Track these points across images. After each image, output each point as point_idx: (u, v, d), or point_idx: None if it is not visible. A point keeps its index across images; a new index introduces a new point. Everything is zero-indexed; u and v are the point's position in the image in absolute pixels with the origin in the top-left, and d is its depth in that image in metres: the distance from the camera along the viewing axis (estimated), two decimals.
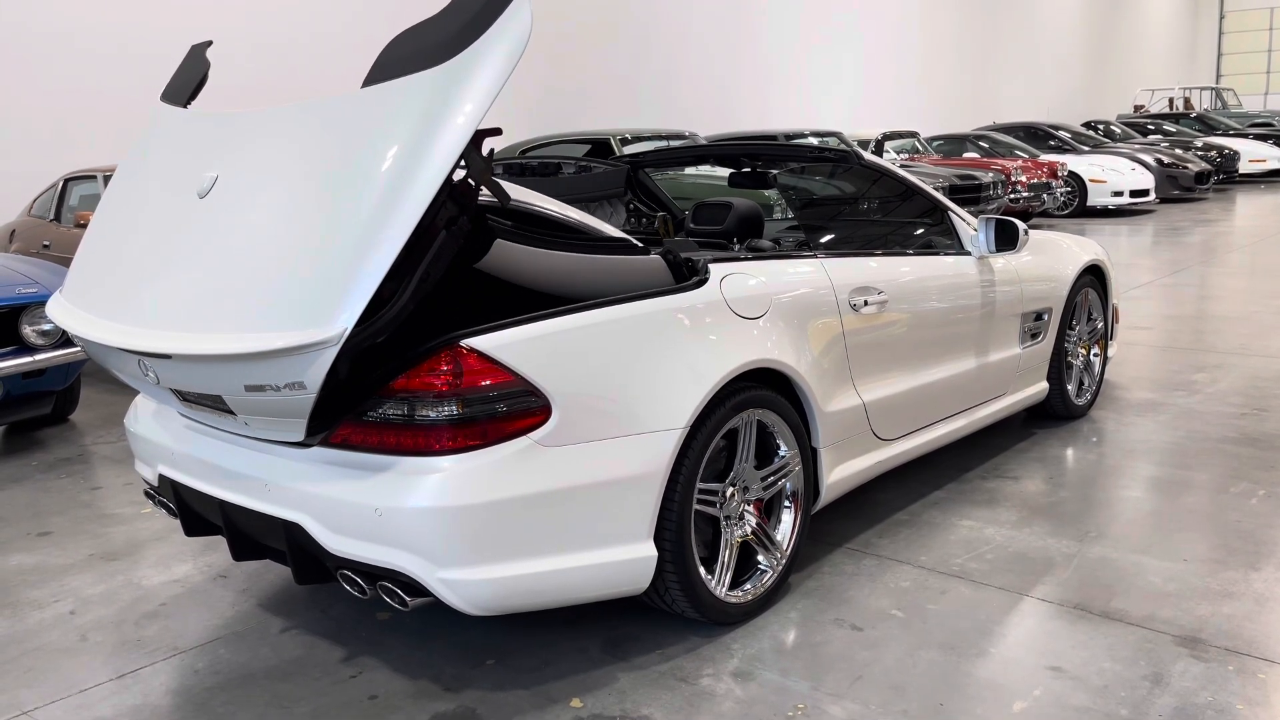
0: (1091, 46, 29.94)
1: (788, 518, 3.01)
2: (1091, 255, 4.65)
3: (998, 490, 3.81)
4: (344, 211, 2.17)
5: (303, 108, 2.48)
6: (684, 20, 15.96)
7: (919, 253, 3.72)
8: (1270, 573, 3.03)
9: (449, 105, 2.18)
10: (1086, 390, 4.74)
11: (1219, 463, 4.02)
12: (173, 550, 3.56)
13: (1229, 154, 18.42)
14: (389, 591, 2.37)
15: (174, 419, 2.90)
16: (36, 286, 4.91)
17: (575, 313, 2.48)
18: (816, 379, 3.03)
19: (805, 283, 3.11)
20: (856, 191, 3.83)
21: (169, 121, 2.86)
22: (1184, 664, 2.54)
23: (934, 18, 22.24)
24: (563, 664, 2.66)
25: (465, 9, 2.30)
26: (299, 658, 2.75)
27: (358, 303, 2.08)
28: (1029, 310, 4.19)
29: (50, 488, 4.34)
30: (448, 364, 2.29)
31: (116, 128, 9.68)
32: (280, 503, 2.45)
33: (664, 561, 2.60)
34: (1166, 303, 7.62)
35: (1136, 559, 3.16)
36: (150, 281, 2.44)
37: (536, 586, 2.40)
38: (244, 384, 2.23)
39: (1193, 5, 37.99)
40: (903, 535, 3.42)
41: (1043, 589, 2.98)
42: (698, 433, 2.63)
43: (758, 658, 2.65)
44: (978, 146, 15.05)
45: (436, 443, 2.30)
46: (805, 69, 18.54)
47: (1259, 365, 5.57)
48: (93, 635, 2.95)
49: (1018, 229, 3.89)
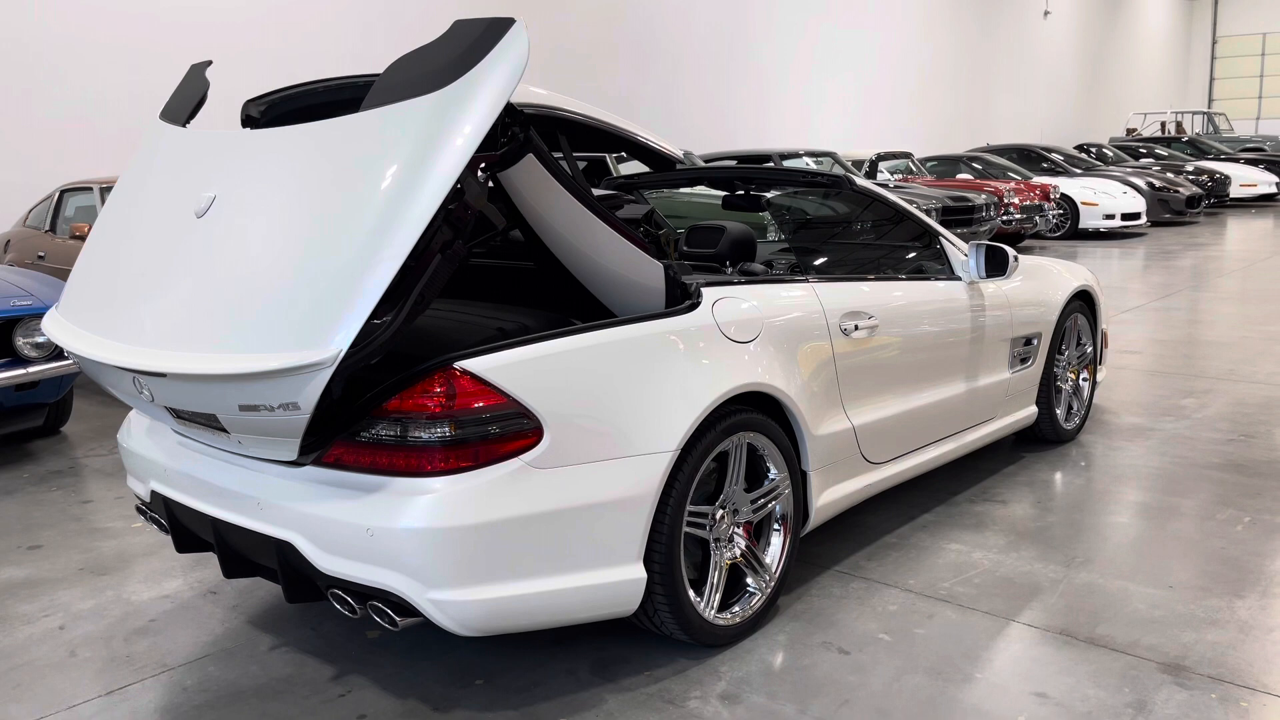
0: (1084, 69, 30.17)
1: (777, 540, 3.02)
2: (1081, 281, 4.69)
3: (986, 514, 3.83)
4: (341, 234, 2.19)
5: (301, 129, 2.50)
6: (682, 41, 16.07)
7: (910, 277, 3.76)
8: (1254, 600, 3.06)
9: (447, 130, 2.21)
10: (1075, 415, 4.77)
11: (1206, 489, 4.05)
12: (163, 566, 3.56)
13: (1220, 178, 18.56)
14: (379, 611, 2.38)
15: (167, 435, 2.91)
16: (31, 299, 4.92)
17: (568, 336, 2.51)
18: (807, 402, 3.06)
19: (797, 307, 3.14)
20: (848, 216, 3.87)
21: (167, 140, 2.88)
22: (1168, 691, 2.56)
23: (929, 40, 22.41)
24: (551, 685, 2.67)
25: (464, 35, 2.33)
26: (288, 676, 2.76)
27: (353, 325, 2.10)
28: (1018, 335, 4.23)
29: (41, 501, 4.34)
30: (441, 385, 2.31)
31: (113, 140, 9.71)
32: (272, 521, 2.46)
33: (653, 583, 2.62)
34: (1156, 327, 7.67)
35: (1122, 585, 3.18)
36: (146, 300, 2.46)
37: (526, 608, 2.41)
38: (238, 403, 2.24)
39: (1185, 30, 38.33)
40: (891, 558, 3.44)
41: (1029, 614, 3.00)
42: (688, 455, 2.65)
43: (745, 680, 2.67)
44: (971, 168, 15.14)
45: (429, 464, 2.32)
46: (802, 89, 18.66)
47: (1247, 391, 5.61)
48: (82, 651, 2.95)
49: (1008, 255, 3.93)
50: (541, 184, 2.67)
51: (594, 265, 2.82)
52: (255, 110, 3.11)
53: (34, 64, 9.26)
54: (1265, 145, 24.87)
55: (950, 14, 23.13)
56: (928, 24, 22.33)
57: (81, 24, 9.51)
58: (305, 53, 11.11)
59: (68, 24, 9.43)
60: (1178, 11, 37.42)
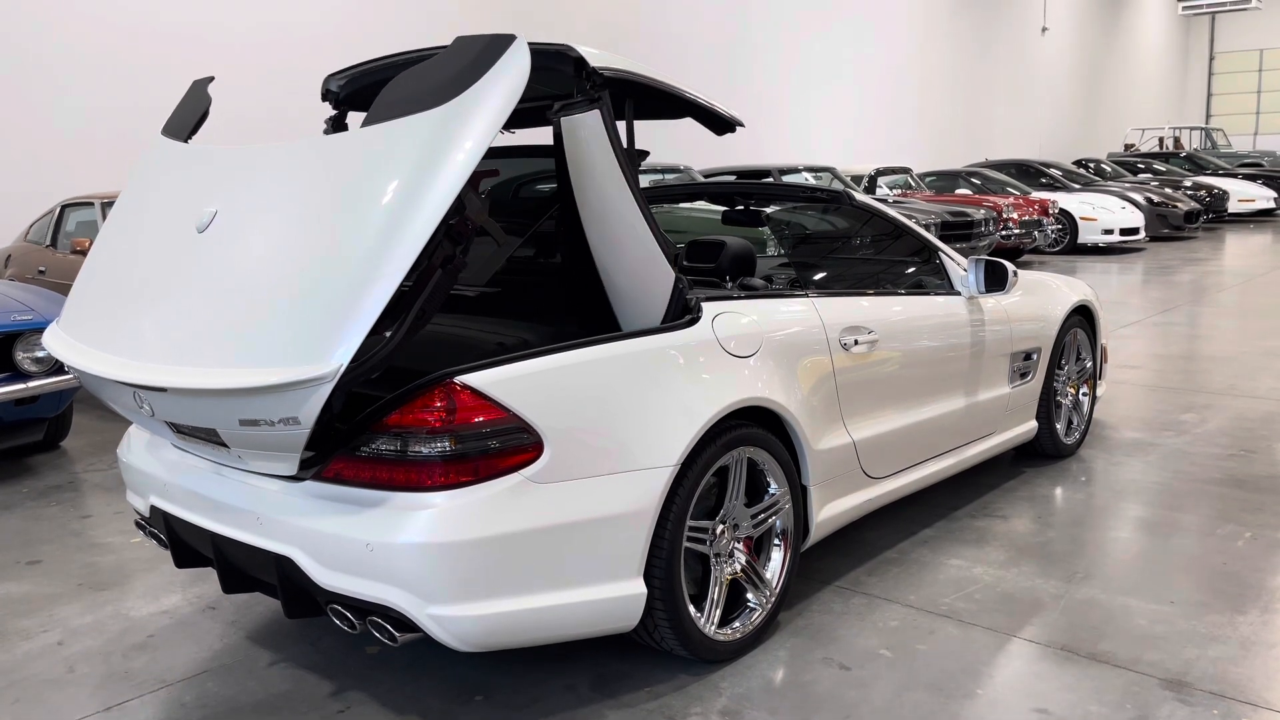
0: (1083, 85, 30.29)
1: (777, 555, 3.02)
2: (1080, 295, 4.70)
3: (986, 529, 3.83)
4: (341, 249, 2.20)
5: (303, 145, 2.51)
6: (680, 55, 16.13)
7: (910, 292, 3.76)
8: (1256, 616, 3.05)
9: (448, 146, 2.22)
10: (1075, 429, 4.77)
11: (1206, 504, 4.04)
12: (162, 581, 3.55)
13: (1218, 193, 18.60)
14: (379, 626, 2.38)
15: (167, 450, 2.91)
16: (31, 314, 4.92)
17: (568, 350, 2.51)
18: (807, 417, 3.06)
19: (796, 322, 3.14)
20: (848, 231, 3.88)
21: (169, 156, 2.90)
22: (1170, 707, 2.55)
23: (928, 55, 22.51)
24: (551, 701, 2.66)
25: (465, 51, 2.34)
26: (287, 692, 2.75)
27: (353, 340, 2.10)
28: (1018, 350, 4.23)
29: (41, 515, 4.33)
30: (441, 400, 2.31)
31: (115, 154, 9.73)
32: (272, 536, 2.46)
33: (653, 599, 2.61)
34: (1155, 342, 7.68)
35: (1124, 600, 3.17)
36: (147, 315, 2.46)
37: (526, 623, 2.41)
38: (238, 418, 2.24)
39: (1183, 46, 38.49)
40: (892, 574, 3.43)
41: (1030, 630, 2.99)
42: (689, 470, 2.65)
43: (746, 696, 2.66)
44: (970, 183, 15.18)
45: (429, 478, 2.31)
46: (800, 104, 18.72)
47: (1247, 406, 5.61)
48: (80, 666, 2.94)
49: (1007, 270, 3.93)
50: (598, 145, 2.67)
51: (614, 249, 2.79)
52: (335, 85, 3.21)
53: (35, 78, 9.30)
54: (1263, 160, 24.93)
55: (949, 30, 23.24)
56: (927, 40, 22.44)
57: (83, 38, 9.55)
58: (307, 67, 11.15)
59: (69, 38, 9.47)
60: (1175, 27, 37.59)
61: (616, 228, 2.74)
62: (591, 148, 2.69)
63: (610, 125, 2.66)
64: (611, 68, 2.75)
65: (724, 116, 3.19)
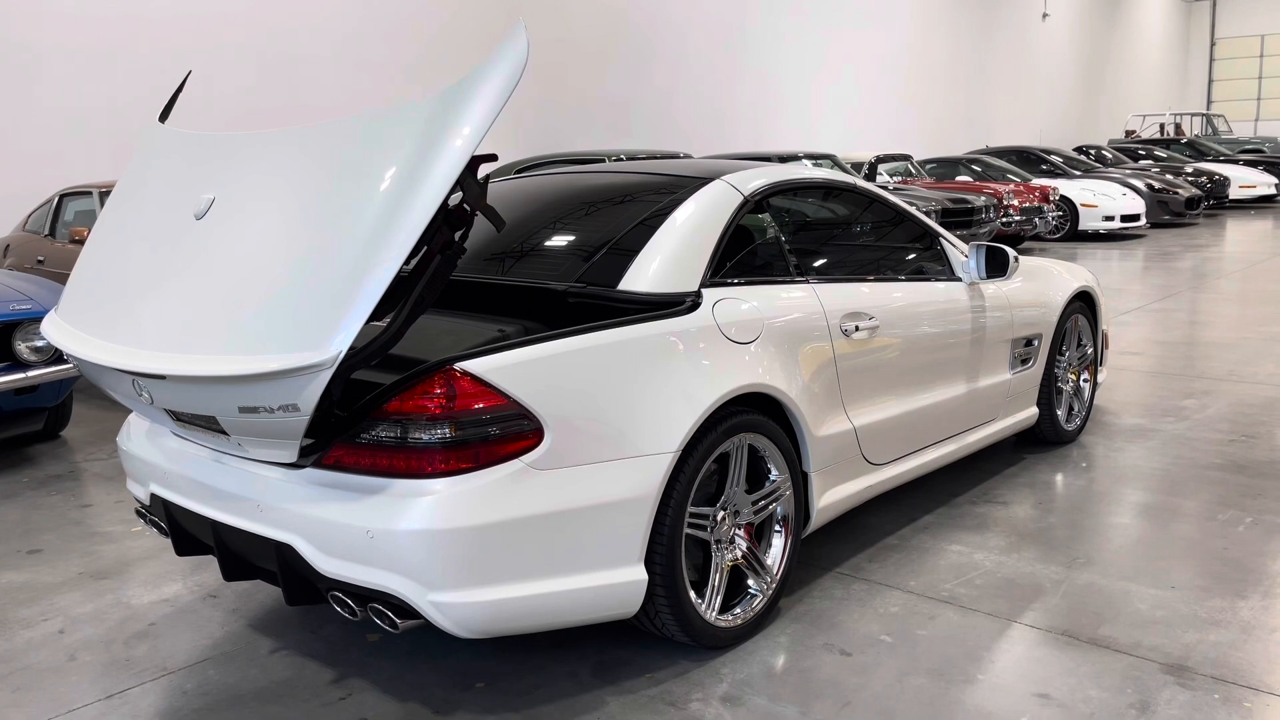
0: (1083, 71, 30.20)
1: (778, 542, 3.02)
2: (1081, 282, 4.69)
3: (987, 515, 3.83)
4: (340, 235, 2.19)
5: (300, 131, 2.50)
6: (681, 42, 16.08)
7: (910, 278, 3.75)
8: (1256, 601, 3.05)
9: (446, 131, 2.20)
10: (1076, 415, 4.77)
11: (1207, 490, 4.04)
12: (162, 569, 3.55)
13: (1219, 180, 18.57)
14: (379, 613, 2.38)
15: (167, 438, 2.90)
16: (31, 303, 4.91)
17: (568, 336, 2.50)
18: (808, 403, 3.05)
19: (797, 308, 3.13)
20: (849, 217, 3.86)
21: (165, 143, 2.88)
22: (1170, 692, 2.55)
23: (929, 42, 22.43)
24: (552, 688, 2.66)
25: None
26: (288, 679, 2.75)
27: (353, 326, 2.09)
28: (1019, 336, 4.22)
29: (41, 505, 4.33)
30: (441, 386, 2.30)
31: (113, 144, 9.71)
32: (272, 523, 2.45)
33: (654, 585, 2.61)
34: (1156, 328, 7.67)
35: (1124, 585, 3.17)
36: (146, 302, 2.45)
37: (527, 610, 2.41)
38: (238, 405, 2.24)
39: (1184, 32, 38.37)
40: (892, 560, 3.43)
41: (1031, 615, 2.99)
42: (689, 457, 2.64)
43: (747, 682, 2.66)
44: (970, 170, 15.14)
45: (429, 465, 2.31)
46: (801, 91, 18.67)
47: (1247, 392, 5.61)
48: (81, 655, 2.94)
49: (1008, 256, 3.92)
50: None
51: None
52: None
53: (32, 68, 9.27)
54: (1264, 147, 24.88)
55: (949, 16, 23.16)
56: (927, 26, 22.36)
57: (80, 28, 9.52)
58: (299, 55, 11.11)
59: (66, 28, 9.43)
60: (1176, 13, 37.47)
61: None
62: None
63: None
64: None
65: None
